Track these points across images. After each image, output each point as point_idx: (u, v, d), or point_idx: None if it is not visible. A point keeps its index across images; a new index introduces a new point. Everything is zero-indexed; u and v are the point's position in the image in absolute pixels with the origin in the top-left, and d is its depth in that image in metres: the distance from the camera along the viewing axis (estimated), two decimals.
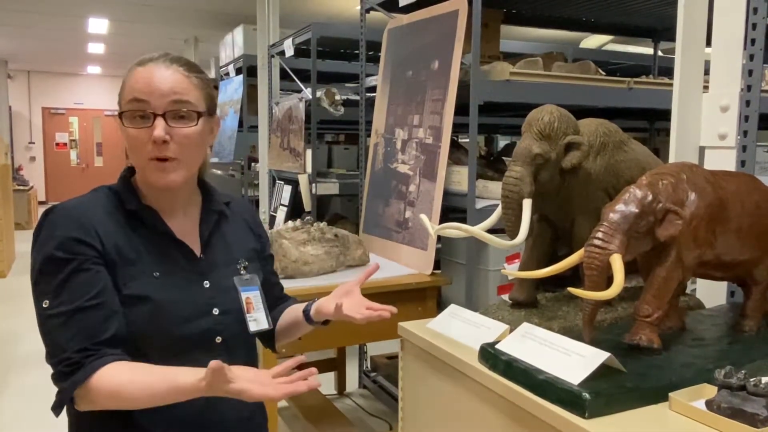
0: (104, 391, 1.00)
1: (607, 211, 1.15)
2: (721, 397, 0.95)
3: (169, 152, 1.09)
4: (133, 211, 1.14)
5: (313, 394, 3.20)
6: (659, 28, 3.58)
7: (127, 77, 1.13)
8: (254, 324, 1.21)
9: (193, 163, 1.15)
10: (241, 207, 1.35)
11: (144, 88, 1.09)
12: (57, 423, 1.14)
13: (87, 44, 9.91)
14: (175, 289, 1.12)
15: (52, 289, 1.05)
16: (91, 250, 1.07)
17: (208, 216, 1.23)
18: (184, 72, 1.13)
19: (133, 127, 1.09)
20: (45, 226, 1.09)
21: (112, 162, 14.57)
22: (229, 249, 1.23)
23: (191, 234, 1.20)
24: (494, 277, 2.27)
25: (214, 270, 1.18)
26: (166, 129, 1.08)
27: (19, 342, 4.59)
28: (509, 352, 1.16)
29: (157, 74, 1.10)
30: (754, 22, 1.53)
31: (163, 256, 1.14)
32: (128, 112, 1.10)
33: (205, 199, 1.25)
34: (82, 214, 1.09)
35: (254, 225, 1.35)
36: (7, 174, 7.45)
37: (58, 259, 1.05)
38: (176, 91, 1.10)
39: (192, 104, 1.12)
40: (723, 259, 1.26)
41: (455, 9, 2.36)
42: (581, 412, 0.98)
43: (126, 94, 1.11)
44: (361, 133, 3.22)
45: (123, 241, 1.11)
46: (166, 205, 1.18)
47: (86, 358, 1.02)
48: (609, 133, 1.53)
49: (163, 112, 1.09)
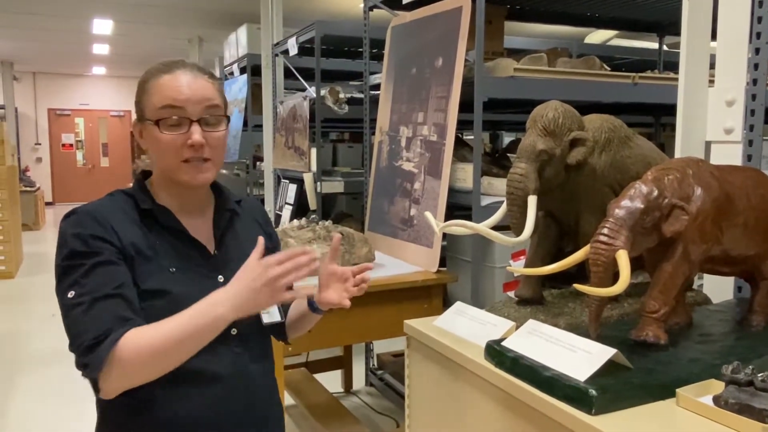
0: (133, 351, 1.02)
1: (613, 207, 1.15)
2: (729, 393, 0.95)
3: (205, 153, 1.17)
4: (148, 210, 1.19)
5: (321, 392, 3.21)
6: (664, 23, 3.57)
7: (152, 84, 1.17)
8: (267, 316, 1.26)
9: (220, 162, 1.23)
10: (251, 205, 1.40)
11: (178, 95, 1.15)
12: (65, 422, 1.15)
13: (92, 45, 9.95)
14: (191, 283, 1.16)
15: (76, 280, 1.07)
16: (112, 247, 1.11)
17: (222, 215, 1.28)
18: (209, 80, 1.21)
19: (170, 133, 1.15)
20: (66, 227, 1.13)
21: (118, 162, 14.61)
22: (241, 246, 1.27)
23: (205, 232, 1.25)
24: (500, 274, 2.27)
25: (227, 265, 1.22)
26: (201, 133, 1.15)
27: (28, 342, 4.62)
28: (515, 349, 1.16)
29: (189, 82, 1.16)
30: (760, 16, 1.52)
31: (178, 253, 1.18)
32: (163, 119, 1.15)
33: (218, 199, 1.30)
34: (100, 215, 1.14)
35: (264, 223, 1.40)
36: (13, 175, 7.48)
37: (82, 253, 1.09)
38: (208, 98, 1.18)
39: (221, 109, 1.21)
40: (730, 254, 1.25)
41: (459, 6, 2.35)
42: (588, 408, 0.98)
43: (155, 100, 1.16)
44: (365, 131, 3.22)
45: (140, 239, 1.15)
46: (182, 206, 1.23)
47: (109, 334, 1.03)
48: (614, 128, 1.53)
49: (198, 118, 1.16)
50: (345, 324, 2.25)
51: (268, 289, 1.05)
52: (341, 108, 3.64)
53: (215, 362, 1.16)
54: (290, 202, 4.02)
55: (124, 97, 14.20)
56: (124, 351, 1.02)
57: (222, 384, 1.17)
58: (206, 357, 1.14)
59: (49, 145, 14.03)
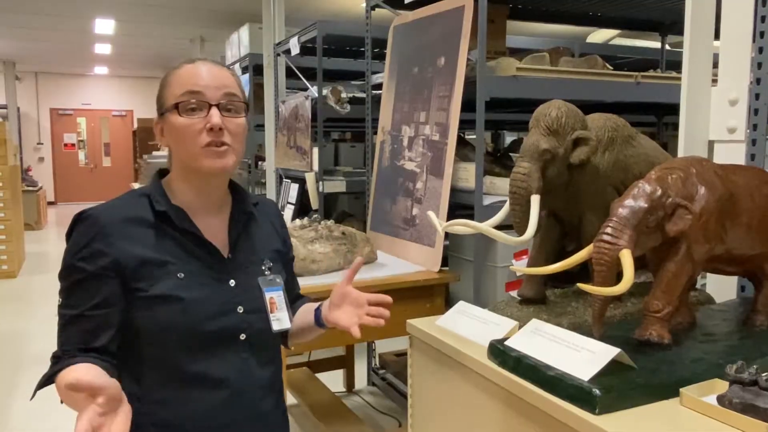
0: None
1: (616, 207, 1.14)
2: (733, 393, 0.95)
3: (225, 137, 1.16)
4: (163, 212, 1.17)
5: (323, 392, 3.21)
6: (667, 22, 3.56)
7: (173, 75, 1.19)
8: (277, 323, 1.24)
9: (240, 151, 1.21)
10: (268, 208, 1.38)
11: (198, 81, 1.15)
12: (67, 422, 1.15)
13: (94, 45, 9.96)
14: (202, 287, 1.16)
15: (63, 292, 1.13)
16: (107, 260, 1.11)
17: (239, 217, 1.26)
18: (229, 72, 1.22)
19: (188, 118, 1.15)
20: (72, 232, 1.15)
21: (120, 162, 14.63)
22: (254, 250, 1.27)
23: (220, 234, 1.23)
24: (502, 273, 2.27)
25: (239, 270, 1.22)
26: (221, 117, 1.15)
27: (30, 341, 4.63)
28: (518, 348, 1.16)
29: (209, 69, 1.17)
30: (763, 15, 1.52)
31: (190, 256, 1.17)
32: (183, 102, 1.15)
33: (235, 200, 1.28)
34: (107, 223, 1.13)
35: (280, 227, 1.37)
36: (16, 175, 7.49)
37: (73, 267, 1.11)
38: (227, 85, 1.17)
39: (240, 97, 1.20)
40: (733, 253, 1.25)
41: (461, 5, 2.35)
42: (591, 408, 0.98)
43: (176, 89, 1.16)
44: (367, 130, 3.22)
45: (149, 244, 1.14)
46: (200, 203, 1.21)
47: (65, 354, 1.08)
48: (617, 127, 1.52)
49: (218, 102, 1.15)
50: None
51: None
52: (343, 107, 3.63)
53: (222, 367, 1.16)
54: (292, 201, 4.02)
55: (127, 97, 14.23)
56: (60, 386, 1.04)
57: (228, 388, 1.17)
58: (214, 361, 1.14)
59: (51, 145, 14.05)
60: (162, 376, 1.13)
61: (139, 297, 1.12)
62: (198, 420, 1.15)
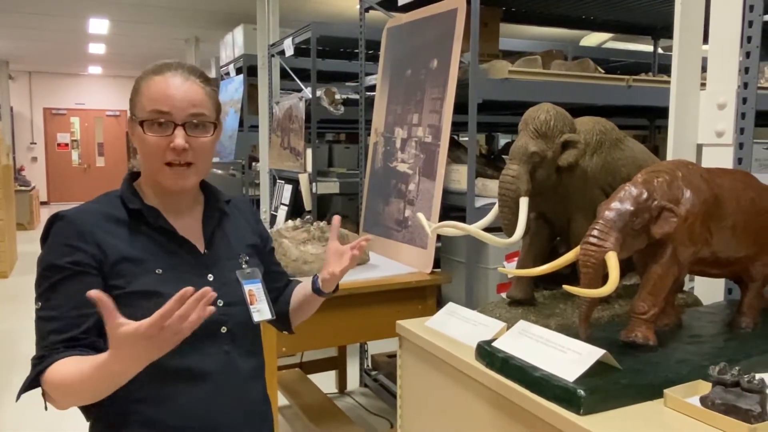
0: (51, 385, 1.06)
1: (603, 209, 1.15)
2: (716, 394, 0.96)
3: (188, 158, 1.17)
4: (137, 211, 1.19)
5: (315, 393, 3.21)
6: (659, 26, 3.58)
7: (144, 84, 1.18)
8: (258, 315, 1.26)
9: (205, 168, 1.23)
10: (242, 205, 1.42)
11: (165, 99, 1.15)
12: (59, 422, 1.16)
13: (88, 45, 9.92)
14: (180, 282, 1.15)
15: (44, 292, 1.13)
16: (87, 257, 1.12)
17: (211, 214, 1.29)
18: (200, 84, 1.20)
19: (153, 135, 1.15)
20: (49, 234, 1.16)
21: (113, 162, 14.58)
22: (230, 245, 1.29)
23: (195, 231, 1.25)
24: (494, 275, 2.27)
25: (217, 264, 1.24)
26: (185, 138, 1.15)
27: (22, 342, 4.61)
28: (505, 349, 1.17)
29: (177, 86, 1.16)
30: (751, 20, 1.53)
31: (167, 253, 1.19)
32: (148, 121, 1.15)
33: (207, 199, 1.31)
34: (83, 222, 1.15)
35: (254, 222, 1.41)
36: (9, 175, 7.46)
37: (53, 266, 1.12)
38: (195, 104, 1.17)
39: (208, 116, 1.19)
40: (719, 256, 1.26)
41: (454, 7, 2.36)
42: (576, 408, 0.99)
43: (145, 103, 1.16)
44: (361, 132, 3.22)
45: (126, 241, 1.16)
46: (171, 206, 1.24)
47: (51, 353, 1.08)
48: (605, 131, 1.53)
49: (183, 122, 1.16)
50: (339, 324, 2.26)
51: (169, 339, 0.97)
52: (337, 109, 3.64)
53: (205, 360, 1.17)
54: (286, 202, 4.02)
55: (120, 97, 14.18)
56: (47, 383, 1.06)
57: (211, 381, 1.18)
58: (196, 355, 1.15)
59: (44, 145, 13.99)
60: (144, 373, 1.12)
61: (117, 294, 1.11)
62: (183, 415, 1.16)
